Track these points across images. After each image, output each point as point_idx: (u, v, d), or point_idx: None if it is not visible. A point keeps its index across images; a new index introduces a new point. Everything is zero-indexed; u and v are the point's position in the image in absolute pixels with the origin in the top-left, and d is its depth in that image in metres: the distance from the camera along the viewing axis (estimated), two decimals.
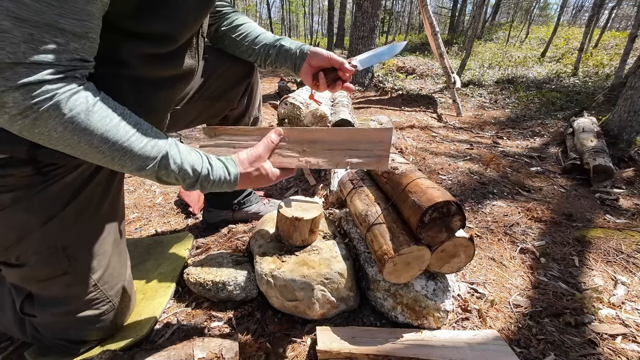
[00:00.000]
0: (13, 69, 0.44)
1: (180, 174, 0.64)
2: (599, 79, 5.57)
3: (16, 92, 0.45)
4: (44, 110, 0.47)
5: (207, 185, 0.68)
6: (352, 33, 5.00)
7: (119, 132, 0.55)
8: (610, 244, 1.29)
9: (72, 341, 0.78)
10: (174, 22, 0.64)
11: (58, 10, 0.45)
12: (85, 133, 0.52)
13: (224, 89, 1.03)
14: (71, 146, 0.53)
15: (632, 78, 2.59)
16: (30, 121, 0.48)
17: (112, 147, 0.55)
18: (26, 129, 0.49)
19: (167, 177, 0.63)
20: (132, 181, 1.83)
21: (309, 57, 0.92)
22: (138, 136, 0.58)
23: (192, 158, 0.65)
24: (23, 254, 0.68)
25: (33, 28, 0.44)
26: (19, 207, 0.65)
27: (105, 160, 0.56)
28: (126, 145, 0.56)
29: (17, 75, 0.45)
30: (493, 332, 0.85)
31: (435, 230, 0.80)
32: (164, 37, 0.65)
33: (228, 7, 0.98)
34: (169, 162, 0.62)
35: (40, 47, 0.45)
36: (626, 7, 18.46)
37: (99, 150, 0.54)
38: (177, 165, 0.63)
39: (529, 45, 10.91)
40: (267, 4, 20.51)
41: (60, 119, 0.49)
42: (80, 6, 0.47)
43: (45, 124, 0.49)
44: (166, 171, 0.62)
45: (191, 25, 0.70)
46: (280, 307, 0.89)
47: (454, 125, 3.49)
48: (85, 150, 0.54)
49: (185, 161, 0.64)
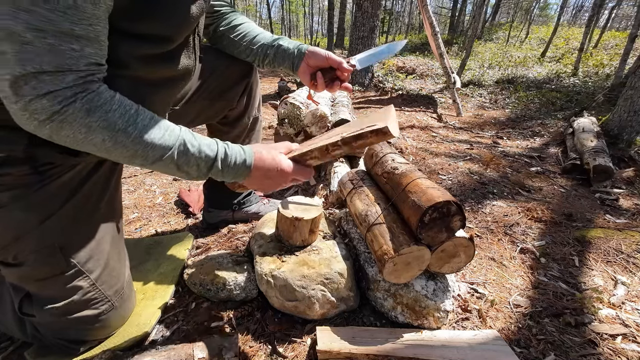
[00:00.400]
0: (38, 78, 0.47)
1: (201, 155, 0.65)
2: (599, 79, 5.57)
3: (44, 100, 0.49)
4: (69, 113, 0.51)
5: (225, 166, 0.69)
6: (352, 33, 5.00)
7: (138, 126, 0.58)
8: (610, 244, 1.29)
9: (72, 341, 0.78)
10: (169, 22, 0.64)
11: (71, 17, 0.47)
12: (108, 130, 0.55)
13: (222, 89, 1.03)
14: (96, 145, 0.56)
15: (632, 78, 2.59)
16: (57, 124, 0.51)
17: (134, 140, 0.58)
18: (55, 133, 0.53)
19: (187, 165, 0.65)
20: (132, 181, 1.83)
21: (307, 56, 0.91)
22: (156, 128, 0.60)
23: (207, 141, 0.68)
24: (20, 253, 0.68)
25: (52, 37, 0.46)
26: (16, 205, 0.65)
27: (129, 155, 0.59)
28: (146, 138, 0.59)
29: (43, 84, 0.48)
30: (493, 332, 0.85)
31: (435, 230, 0.80)
32: (161, 37, 0.65)
33: (227, 6, 0.97)
34: (187, 147, 0.64)
35: (60, 55, 0.48)
36: (626, 7, 18.46)
37: (123, 145, 0.57)
38: (195, 148, 0.65)
39: (529, 45, 10.91)
40: (267, 4, 20.51)
41: (84, 120, 0.52)
42: (90, 11, 0.49)
43: (71, 126, 0.52)
44: (186, 157, 0.64)
45: (187, 25, 0.70)
46: (280, 307, 0.89)
47: (454, 125, 3.49)
48: (110, 148, 0.57)
49: (202, 144, 0.66)
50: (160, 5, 0.61)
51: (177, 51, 0.73)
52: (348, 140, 0.71)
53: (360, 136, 0.70)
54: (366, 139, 0.70)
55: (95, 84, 0.54)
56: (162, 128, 0.61)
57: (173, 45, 0.69)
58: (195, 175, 0.68)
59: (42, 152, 0.63)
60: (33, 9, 0.44)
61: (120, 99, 0.57)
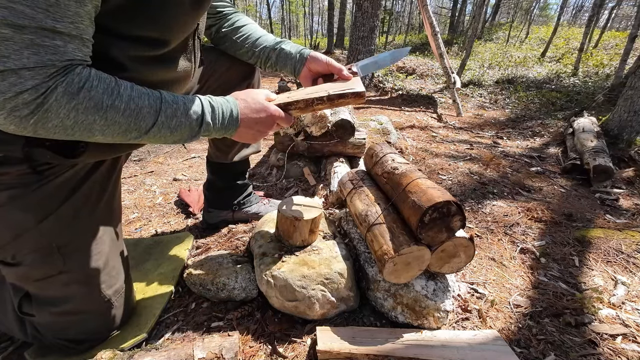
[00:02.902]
0: (18, 74, 0.46)
1: (189, 113, 0.64)
2: (599, 79, 5.57)
3: (25, 94, 0.47)
4: (52, 101, 0.49)
5: (215, 120, 0.67)
6: (352, 33, 5.00)
7: (123, 97, 0.56)
8: (610, 244, 1.29)
9: (72, 341, 0.78)
10: (164, 24, 0.64)
11: (53, 15, 0.46)
12: (95, 109, 0.53)
13: (224, 90, 1.02)
14: (89, 129, 0.54)
15: (632, 78, 2.59)
16: (42, 116, 0.49)
17: (124, 114, 0.56)
18: (41, 126, 0.50)
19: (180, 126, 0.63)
20: (132, 181, 1.83)
21: (309, 61, 0.92)
22: (139, 95, 0.58)
23: (188, 98, 0.66)
24: (19, 252, 0.68)
25: (32, 34, 0.45)
26: (15, 205, 0.65)
27: (123, 130, 0.57)
28: (134, 108, 0.57)
29: (23, 80, 0.46)
30: (493, 332, 0.85)
31: (436, 231, 0.80)
32: (156, 40, 0.65)
33: (229, 7, 0.97)
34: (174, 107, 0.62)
35: (42, 51, 0.47)
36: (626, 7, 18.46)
37: (114, 122, 0.55)
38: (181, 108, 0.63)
39: (529, 45, 10.91)
40: (267, 4, 20.51)
41: (69, 105, 0.50)
42: (73, 9, 0.48)
43: (57, 115, 0.50)
44: (176, 119, 0.62)
45: (183, 28, 0.69)
46: (280, 307, 0.89)
47: (454, 126, 3.49)
48: (104, 128, 0.55)
49: (187, 101, 0.64)
50: (158, 8, 0.61)
51: (175, 54, 0.72)
52: (332, 97, 0.79)
53: (343, 95, 0.79)
54: (346, 99, 0.80)
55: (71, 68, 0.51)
56: (144, 94, 0.59)
57: (169, 47, 0.68)
58: (188, 136, 0.66)
59: (40, 152, 0.63)
60: (11, 5, 0.43)
61: (98, 73, 0.54)
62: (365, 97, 0.81)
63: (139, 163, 2.14)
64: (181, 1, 0.64)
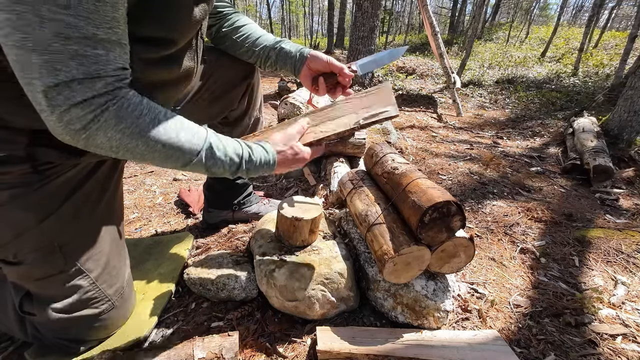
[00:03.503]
0: (70, 87, 0.47)
1: (226, 159, 0.67)
2: (599, 79, 5.57)
3: (77, 109, 0.49)
4: (102, 121, 0.51)
5: (251, 167, 0.71)
6: (352, 33, 5.00)
7: (168, 130, 0.59)
8: (610, 244, 1.29)
9: (72, 340, 0.78)
10: (173, 25, 0.64)
11: (94, 22, 0.47)
12: (140, 136, 0.55)
13: (224, 89, 1.03)
14: (130, 151, 0.56)
15: (632, 78, 2.59)
16: (92, 133, 0.52)
17: (166, 145, 0.58)
18: (90, 142, 0.53)
19: (215, 167, 0.66)
20: (132, 181, 1.83)
21: (309, 60, 0.92)
22: (184, 131, 0.61)
23: (232, 143, 0.69)
24: (20, 251, 0.68)
25: (76, 44, 0.46)
26: (16, 204, 0.65)
27: (161, 159, 0.60)
28: (176, 141, 0.59)
29: (75, 93, 0.48)
30: (493, 332, 0.85)
31: (436, 231, 0.80)
32: (164, 40, 0.65)
33: (229, 7, 0.97)
34: (214, 150, 0.65)
35: (87, 62, 0.48)
36: (626, 7, 18.46)
37: (155, 150, 0.58)
38: (221, 152, 0.66)
39: (529, 45, 10.91)
40: (267, 4, 20.50)
41: (117, 127, 0.53)
42: (110, 14, 0.48)
43: (105, 134, 0.52)
44: (213, 160, 0.65)
45: (190, 28, 0.70)
46: (280, 307, 0.89)
47: (454, 125, 3.50)
48: (144, 152, 0.57)
49: (228, 147, 0.67)
50: (164, 8, 0.61)
51: (180, 53, 0.73)
52: (364, 126, 0.82)
53: (375, 122, 0.82)
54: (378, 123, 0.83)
55: (124, 89, 0.54)
56: (190, 131, 0.62)
57: (176, 48, 0.69)
58: (222, 175, 0.70)
59: (42, 152, 0.63)
60: (56, 17, 0.44)
61: (149, 103, 0.57)
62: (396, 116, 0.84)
63: (139, 163, 2.14)
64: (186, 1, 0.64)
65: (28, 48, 0.44)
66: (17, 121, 0.61)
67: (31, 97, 0.48)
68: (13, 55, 0.45)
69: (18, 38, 0.43)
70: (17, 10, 0.42)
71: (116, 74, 0.52)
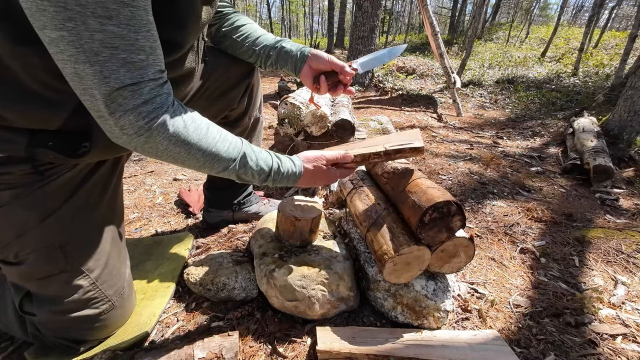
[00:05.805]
0: (122, 94, 0.50)
1: (257, 169, 0.72)
2: (599, 79, 5.57)
3: (130, 115, 0.52)
4: (153, 128, 0.55)
5: (278, 178, 0.75)
6: (352, 33, 5.00)
7: (209, 139, 0.63)
8: (610, 244, 1.29)
9: (72, 340, 0.78)
10: (183, 28, 0.65)
11: (133, 28, 0.49)
12: (185, 144, 0.60)
13: (224, 89, 1.03)
14: (173, 157, 0.61)
15: (632, 78, 2.60)
16: (144, 139, 0.55)
17: (205, 153, 0.63)
18: (140, 146, 0.57)
19: (245, 175, 0.71)
20: (132, 181, 1.83)
21: (310, 59, 0.92)
22: (222, 141, 0.66)
23: (264, 155, 0.74)
24: (21, 251, 0.68)
25: (122, 52, 0.49)
26: (17, 204, 0.65)
27: (199, 165, 0.64)
28: (214, 150, 0.64)
29: (127, 100, 0.51)
30: (493, 332, 0.85)
31: (436, 230, 0.80)
32: (172, 44, 0.65)
33: (229, 7, 0.98)
34: (247, 160, 0.70)
35: (133, 67, 0.50)
36: (626, 7, 18.45)
37: (195, 157, 0.62)
38: (254, 162, 0.71)
39: (529, 45, 10.91)
40: (267, 4, 20.49)
41: (166, 134, 0.57)
42: (145, 18, 0.50)
43: (155, 140, 0.57)
44: (245, 169, 0.70)
45: (197, 31, 0.70)
46: (280, 307, 0.89)
47: (454, 125, 3.49)
48: (185, 159, 0.62)
49: (259, 158, 0.72)
50: (174, 12, 0.61)
51: (184, 55, 0.73)
52: (389, 152, 0.85)
53: (400, 150, 0.84)
54: (403, 153, 0.84)
55: (169, 97, 0.57)
56: (227, 141, 0.67)
57: (183, 51, 0.70)
58: (252, 183, 0.76)
59: (42, 152, 0.63)
60: (104, 28, 0.46)
61: (193, 114, 0.62)
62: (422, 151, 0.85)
63: (139, 163, 2.14)
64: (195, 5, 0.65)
65: (82, 61, 0.47)
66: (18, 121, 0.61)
67: (90, 106, 0.52)
68: (69, 69, 0.48)
69: (73, 52, 0.46)
70: (69, 26, 0.44)
71: (156, 77, 0.54)
